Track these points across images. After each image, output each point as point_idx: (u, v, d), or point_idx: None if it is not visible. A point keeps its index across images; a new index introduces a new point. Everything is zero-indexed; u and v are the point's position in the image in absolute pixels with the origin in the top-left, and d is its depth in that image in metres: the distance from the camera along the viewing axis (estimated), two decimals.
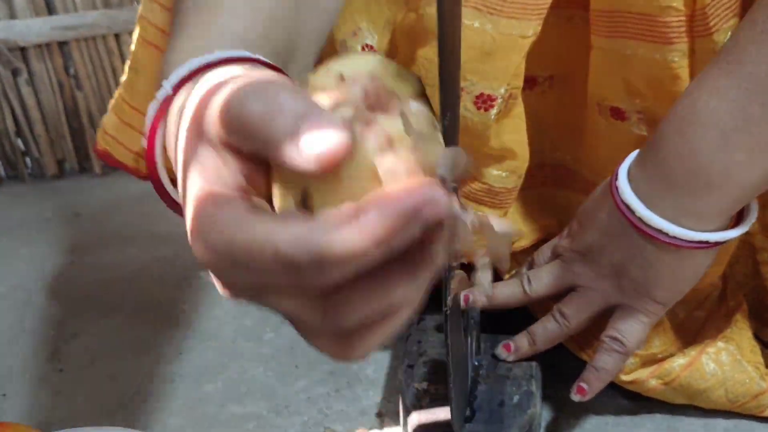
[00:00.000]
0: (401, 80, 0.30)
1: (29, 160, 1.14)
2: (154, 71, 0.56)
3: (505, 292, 0.54)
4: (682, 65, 0.48)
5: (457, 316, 0.48)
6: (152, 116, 0.36)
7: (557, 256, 0.54)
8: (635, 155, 0.48)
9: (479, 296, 0.53)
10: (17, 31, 1.04)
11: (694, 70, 0.48)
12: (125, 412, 0.63)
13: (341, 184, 0.26)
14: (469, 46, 0.48)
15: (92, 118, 1.12)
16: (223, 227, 0.26)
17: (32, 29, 1.04)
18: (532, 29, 0.48)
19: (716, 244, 0.46)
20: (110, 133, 0.61)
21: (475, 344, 0.58)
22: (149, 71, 0.57)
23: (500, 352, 0.57)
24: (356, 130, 0.26)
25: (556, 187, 0.62)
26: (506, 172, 0.54)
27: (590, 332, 0.54)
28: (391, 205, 0.23)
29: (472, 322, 0.58)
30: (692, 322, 0.57)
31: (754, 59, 0.41)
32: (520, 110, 0.53)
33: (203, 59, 0.35)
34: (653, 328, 0.52)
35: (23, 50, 1.06)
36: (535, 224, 0.62)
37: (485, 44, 0.48)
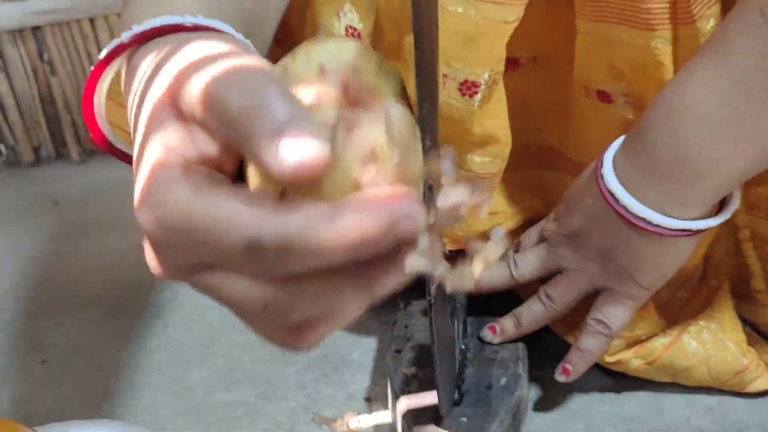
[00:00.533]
0: (383, 75, 0.29)
1: (4, 147, 1.12)
2: None
3: (491, 275, 0.54)
4: (665, 52, 0.48)
5: (442, 300, 0.48)
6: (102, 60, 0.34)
7: (544, 239, 0.54)
8: (620, 142, 0.48)
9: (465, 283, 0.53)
10: None
11: (677, 57, 0.48)
12: (111, 403, 0.63)
13: (320, 193, 0.25)
14: (452, 31, 0.48)
15: (68, 104, 1.10)
16: (179, 200, 0.25)
17: (4, 14, 1.02)
18: (515, 14, 0.48)
19: (699, 231, 0.47)
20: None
21: (461, 328, 0.58)
22: None
23: (485, 334, 0.57)
24: (339, 136, 0.25)
25: (541, 167, 0.62)
26: (490, 157, 0.54)
27: (578, 315, 0.54)
28: (370, 211, 0.23)
29: (458, 306, 0.58)
30: (675, 302, 0.58)
31: (742, 51, 0.41)
32: (501, 94, 0.53)
33: (173, 19, 0.32)
34: (638, 310, 0.52)
35: None
36: (520, 205, 0.62)
37: (468, 30, 0.48)
